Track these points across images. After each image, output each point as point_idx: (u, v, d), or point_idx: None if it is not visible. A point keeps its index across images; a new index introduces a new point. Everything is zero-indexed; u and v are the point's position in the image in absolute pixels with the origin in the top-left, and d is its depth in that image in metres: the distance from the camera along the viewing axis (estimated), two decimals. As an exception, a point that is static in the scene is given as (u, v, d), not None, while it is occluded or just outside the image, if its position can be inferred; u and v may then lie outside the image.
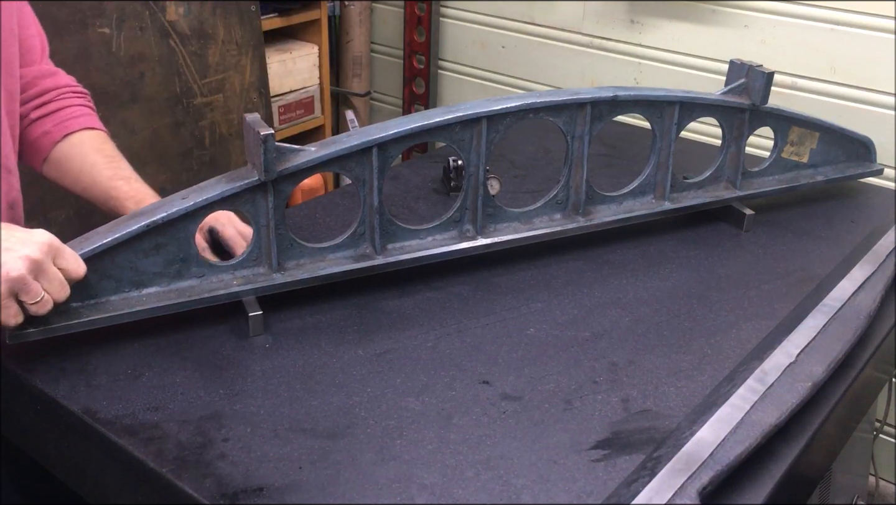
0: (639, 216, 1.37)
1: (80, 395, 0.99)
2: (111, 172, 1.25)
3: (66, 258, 0.98)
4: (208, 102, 2.07)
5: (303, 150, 1.11)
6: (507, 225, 1.28)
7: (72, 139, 1.27)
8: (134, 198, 1.22)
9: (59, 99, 1.29)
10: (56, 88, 1.29)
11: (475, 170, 1.22)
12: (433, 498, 0.87)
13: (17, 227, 0.97)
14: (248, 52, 2.14)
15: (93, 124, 1.31)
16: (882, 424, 1.87)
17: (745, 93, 1.39)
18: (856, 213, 1.52)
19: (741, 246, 1.39)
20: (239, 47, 2.11)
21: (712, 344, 1.13)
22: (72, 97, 1.31)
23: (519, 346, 1.11)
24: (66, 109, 1.29)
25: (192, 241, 1.08)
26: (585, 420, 0.98)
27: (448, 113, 1.18)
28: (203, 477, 0.88)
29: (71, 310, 1.04)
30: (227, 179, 1.09)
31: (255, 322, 1.11)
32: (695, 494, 0.84)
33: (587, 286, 1.25)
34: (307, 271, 1.15)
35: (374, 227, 1.18)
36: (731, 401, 0.97)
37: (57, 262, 0.97)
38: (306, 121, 2.61)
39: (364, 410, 0.99)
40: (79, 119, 1.29)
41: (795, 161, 1.50)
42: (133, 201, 1.21)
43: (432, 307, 1.19)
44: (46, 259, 0.95)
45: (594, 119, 1.27)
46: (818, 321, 1.13)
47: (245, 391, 1.01)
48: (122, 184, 1.23)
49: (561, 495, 0.88)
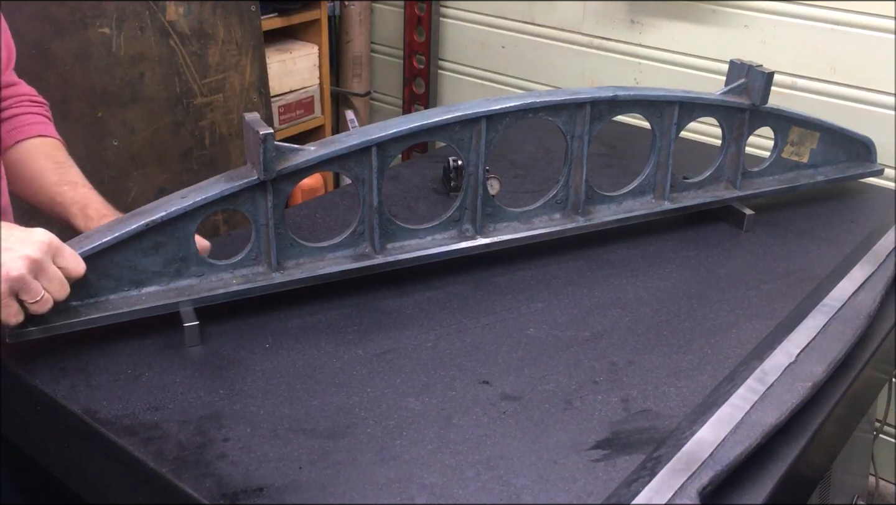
0: (638, 216, 1.37)
1: (80, 395, 0.99)
2: (58, 178, 1.24)
3: (65, 257, 0.98)
4: (208, 102, 2.07)
5: (302, 150, 1.11)
6: (506, 225, 1.28)
7: (24, 145, 1.27)
8: (79, 203, 1.21)
9: (15, 106, 1.29)
10: (14, 97, 1.30)
11: (475, 169, 1.22)
12: (433, 498, 0.87)
13: (16, 227, 0.97)
14: (248, 52, 2.14)
15: (47, 132, 1.31)
16: (882, 424, 1.87)
17: (745, 93, 1.39)
18: (856, 213, 1.52)
19: (741, 246, 1.39)
20: (239, 47, 2.11)
21: (712, 344, 1.13)
22: (29, 105, 1.31)
23: (519, 346, 1.11)
24: (21, 117, 1.29)
25: (191, 241, 1.08)
26: (585, 420, 0.98)
27: (447, 113, 1.18)
28: (203, 477, 0.88)
29: (71, 309, 1.04)
30: (226, 179, 1.09)
31: (190, 333, 1.08)
32: (695, 494, 0.84)
33: (587, 286, 1.25)
34: (307, 271, 1.15)
35: (373, 226, 1.18)
36: (731, 401, 0.97)
37: (57, 261, 0.97)
38: (306, 121, 2.61)
39: (364, 410, 0.99)
40: (32, 126, 1.29)
41: (795, 161, 1.50)
42: (78, 206, 1.21)
43: (432, 307, 1.19)
44: (46, 258, 0.95)
45: (594, 119, 1.27)
46: (818, 321, 1.13)
47: (245, 391, 1.01)
48: (68, 189, 1.23)
49: (561, 495, 0.88)
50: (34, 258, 0.94)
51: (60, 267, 0.98)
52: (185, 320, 1.08)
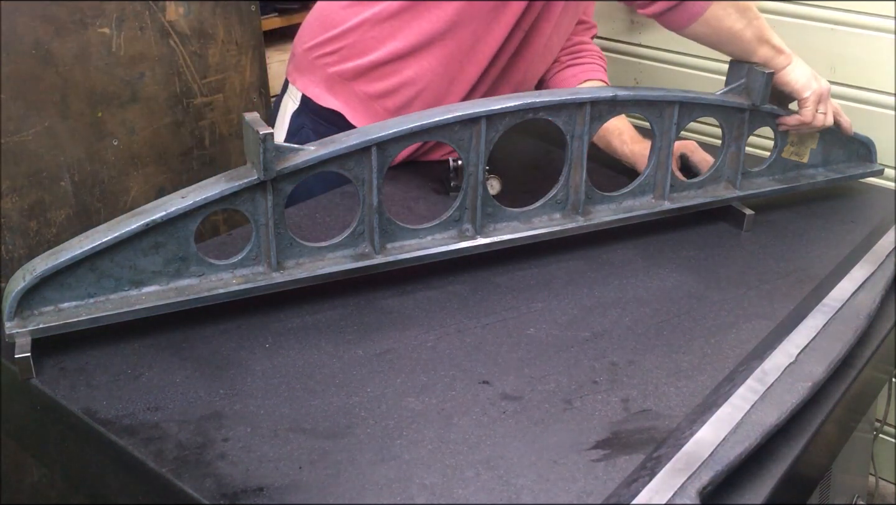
0: (638, 216, 1.36)
1: (80, 395, 0.99)
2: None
3: None
4: (208, 102, 2.07)
5: (302, 150, 1.11)
6: (506, 225, 1.28)
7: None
8: (617, 129, 1.60)
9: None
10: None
11: (474, 169, 1.22)
12: (433, 498, 0.87)
13: None
14: (248, 52, 2.14)
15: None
16: (882, 424, 1.87)
17: (745, 93, 1.39)
18: (856, 213, 1.52)
19: (741, 246, 1.39)
20: (239, 47, 2.11)
21: (712, 344, 1.13)
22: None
23: (519, 346, 1.11)
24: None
25: (191, 240, 1.08)
26: (585, 420, 0.98)
27: (447, 112, 1.18)
28: (203, 477, 0.88)
29: (71, 309, 1.04)
30: (226, 178, 1.08)
31: (22, 365, 1.01)
32: (695, 494, 0.84)
33: (587, 286, 1.25)
34: (306, 270, 1.15)
35: (373, 226, 1.18)
36: (731, 401, 0.97)
37: None
38: (306, 121, 2.60)
39: (364, 410, 0.99)
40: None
41: (795, 161, 1.50)
42: (616, 133, 1.61)
43: (432, 307, 1.19)
44: None
45: (594, 119, 1.27)
46: (818, 321, 1.13)
47: (245, 391, 1.01)
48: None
49: (561, 495, 0.88)
50: None
51: None
52: (18, 352, 1.00)
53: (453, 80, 1.46)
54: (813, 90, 1.39)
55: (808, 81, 1.39)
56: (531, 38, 1.47)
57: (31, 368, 1.01)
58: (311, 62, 1.53)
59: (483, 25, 1.41)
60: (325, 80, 1.51)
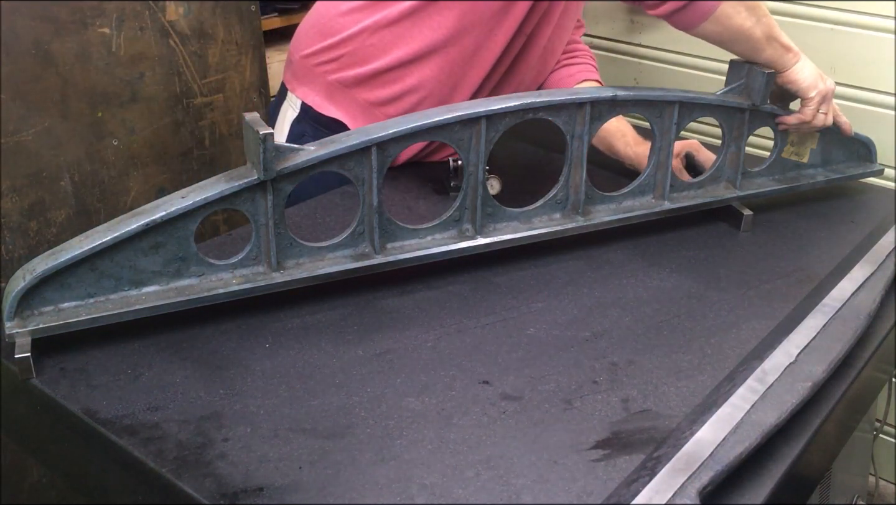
0: (638, 216, 1.37)
1: (80, 395, 0.99)
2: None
3: None
4: (208, 102, 2.07)
5: (302, 150, 1.11)
6: (506, 224, 1.28)
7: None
8: (620, 131, 1.60)
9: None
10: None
11: (474, 169, 1.22)
12: (433, 498, 0.87)
13: None
14: (248, 52, 2.14)
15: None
16: (882, 424, 1.87)
17: (745, 93, 1.39)
18: (856, 213, 1.52)
19: (741, 246, 1.39)
20: (239, 47, 2.11)
21: (712, 344, 1.13)
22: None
23: (519, 346, 1.11)
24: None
25: (191, 240, 1.08)
26: (585, 420, 0.98)
27: (447, 112, 1.18)
28: (203, 477, 0.88)
29: (70, 309, 1.04)
30: (226, 178, 1.09)
31: (22, 365, 1.00)
32: (695, 494, 0.84)
33: (587, 286, 1.25)
34: (306, 270, 1.15)
35: (373, 226, 1.18)
36: (731, 401, 0.97)
37: None
38: (306, 121, 2.60)
39: (364, 410, 0.99)
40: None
41: (795, 161, 1.50)
42: (619, 134, 1.61)
43: (432, 307, 1.19)
44: None
45: (594, 119, 1.27)
46: (818, 321, 1.13)
47: (245, 391, 1.01)
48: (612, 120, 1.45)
49: (561, 495, 0.88)
50: None
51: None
52: (18, 352, 1.00)
53: (456, 86, 1.46)
54: (818, 90, 1.39)
55: (814, 81, 1.39)
56: (533, 41, 1.48)
57: (31, 368, 1.01)
58: (310, 70, 1.53)
59: (485, 31, 1.41)
60: (325, 88, 1.51)
